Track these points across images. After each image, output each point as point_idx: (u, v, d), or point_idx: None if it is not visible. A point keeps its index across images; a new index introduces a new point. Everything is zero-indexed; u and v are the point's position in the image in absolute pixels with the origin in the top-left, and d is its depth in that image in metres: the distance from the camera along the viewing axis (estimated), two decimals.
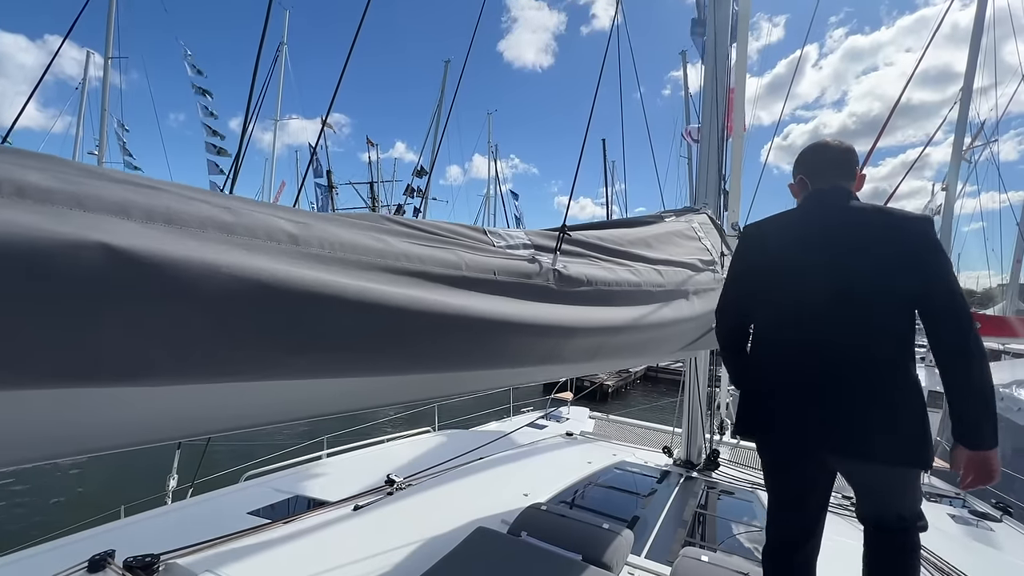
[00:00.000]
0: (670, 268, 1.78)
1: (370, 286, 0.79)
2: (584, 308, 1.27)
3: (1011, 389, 6.10)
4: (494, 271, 1.09)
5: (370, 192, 35.94)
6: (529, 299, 1.13)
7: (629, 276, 1.51)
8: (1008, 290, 16.81)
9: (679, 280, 1.81)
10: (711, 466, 3.16)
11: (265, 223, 0.72)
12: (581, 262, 1.38)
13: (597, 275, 1.36)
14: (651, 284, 1.62)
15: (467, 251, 1.08)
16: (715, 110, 2.77)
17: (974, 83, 11.88)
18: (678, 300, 1.79)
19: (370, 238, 0.89)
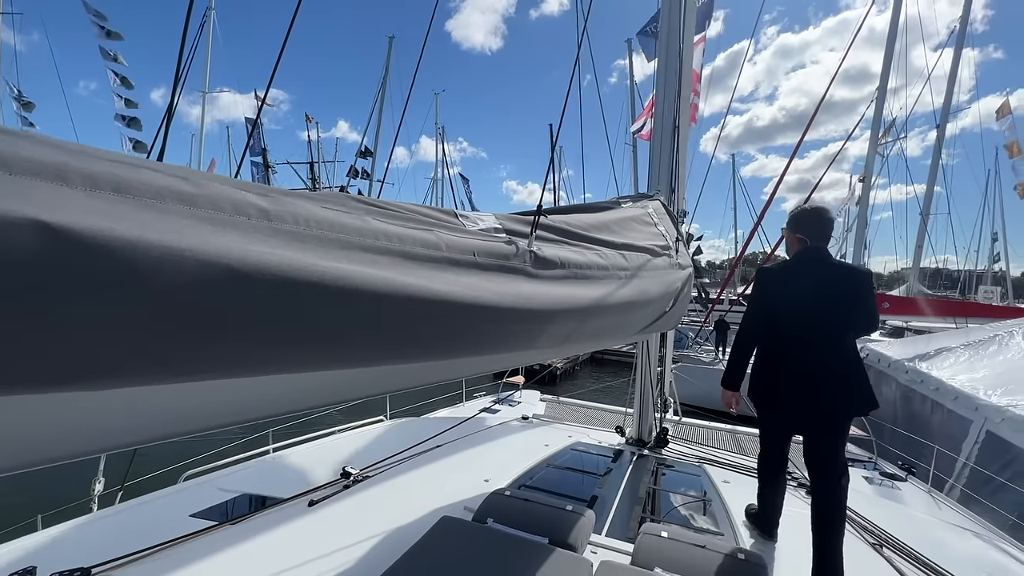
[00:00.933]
0: (632, 253, 1.80)
1: (352, 268, 0.72)
2: (559, 291, 1.26)
3: (914, 363, 6.78)
4: (474, 252, 1.05)
5: (310, 173, 34.32)
6: (508, 281, 1.10)
7: (598, 260, 1.52)
8: (912, 273, 18.65)
9: (640, 264, 1.85)
10: (661, 443, 3.31)
11: (231, 195, 0.63)
12: (554, 245, 1.37)
13: (570, 258, 1.36)
14: (617, 268, 1.64)
15: (444, 231, 1.03)
16: (667, 101, 2.83)
17: (888, 84, 12.93)
18: (640, 284, 1.82)
19: (345, 214, 0.82)
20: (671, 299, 2.21)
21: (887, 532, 2.30)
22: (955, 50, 16.17)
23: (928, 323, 13.44)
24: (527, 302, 1.13)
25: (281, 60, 1.47)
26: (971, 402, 5.25)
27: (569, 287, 1.30)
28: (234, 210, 0.61)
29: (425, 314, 0.87)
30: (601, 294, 1.47)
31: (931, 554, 2.13)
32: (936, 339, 7.80)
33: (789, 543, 2.19)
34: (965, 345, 6.78)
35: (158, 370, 0.54)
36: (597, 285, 1.46)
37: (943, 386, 5.87)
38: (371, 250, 0.79)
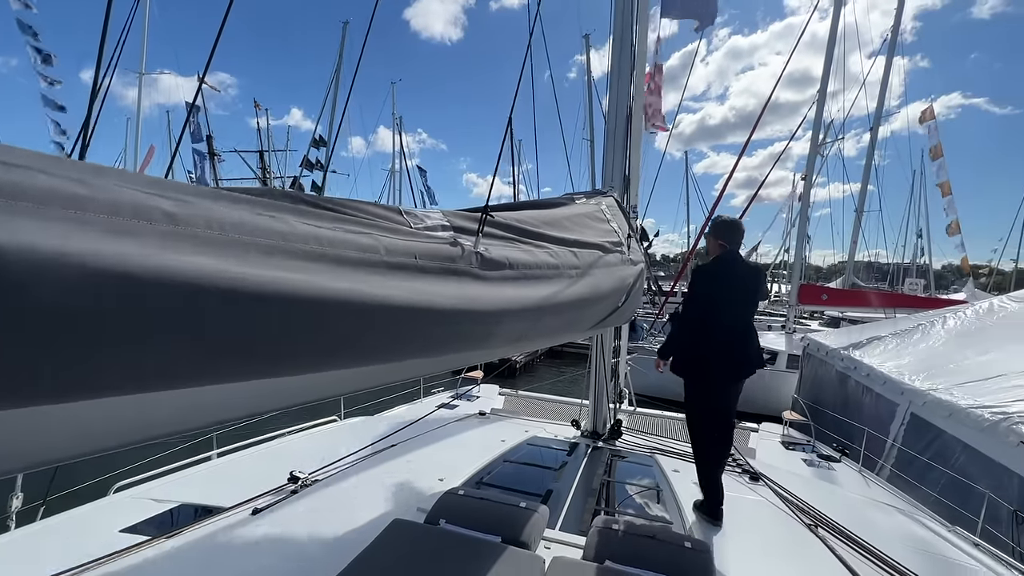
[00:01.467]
0: (584, 250, 1.81)
1: (274, 274, 0.68)
2: (507, 292, 1.24)
3: (849, 351, 7.24)
4: (415, 255, 1.02)
5: (260, 162, 32.90)
6: (452, 284, 1.07)
7: (548, 258, 1.51)
8: (847, 266, 19.87)
9: (592, 261, 1.86)
10: (615, 435, 3.38)
11: (132, 199, 0.57)
12: (502, 245, 1.34)
13: (518, 258, 1.34)
14: (568, 266, 1.64)
15: (384, 233, 0.99)
16: (620, 98, 2.86)
17: (827, 88, 13.64)
18: (591, 281, 1.83)
19: (269, 218, 0.77)
20: (623, 294, 2.24)
21: (821, 512, 2.44)
22: (887, 58, 17.22)
23: (862, 313, 14.40)
24: (474, 304, 1.11)
25: (223, 40, 1.36)
26: (897, 387, 5.66)
27: (518, 288, 1.29)
28: (134, 214, 0.56)
29: (361, 320, 0.83)
30: (551, 293, 1.46)
31: (860, 531, 2.28)
32: (868, 329, 8.35)
33: (734, 528, 2.29)
34: (893, 334, 7.29)
35: (28, 391, 0.48)
36: (547, 284, 1.45)
37: (873, 372, 6.29)
38: (298, 255, 0.74)
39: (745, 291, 2.71)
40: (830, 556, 2.03)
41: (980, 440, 4.23)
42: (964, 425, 4.43)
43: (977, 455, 4.24)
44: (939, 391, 5.03)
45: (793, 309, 13.52)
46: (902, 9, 17.14)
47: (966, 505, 3.85)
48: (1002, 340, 5.80)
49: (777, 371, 10.95)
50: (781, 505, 2.50)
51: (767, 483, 2.79)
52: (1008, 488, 3.86)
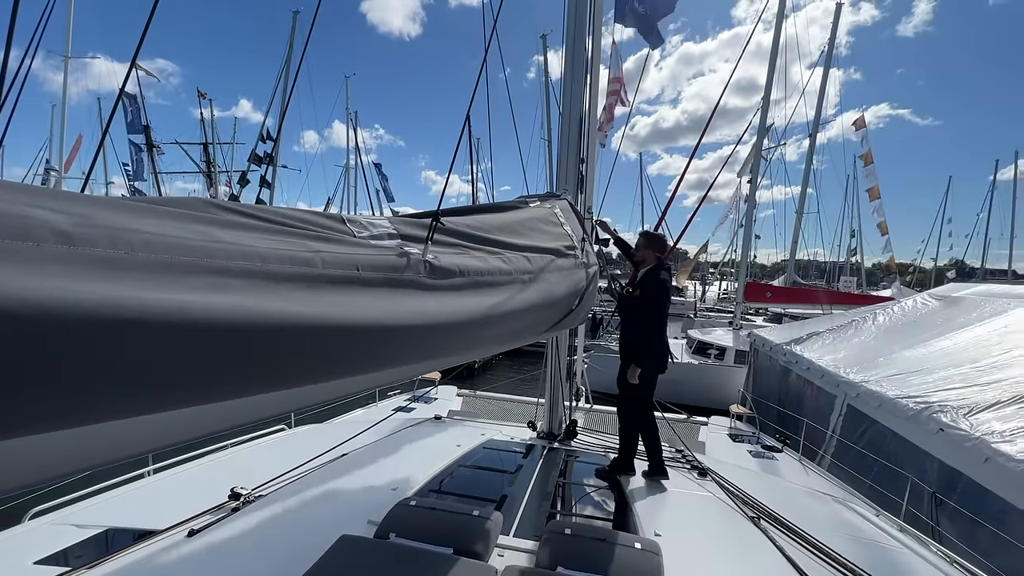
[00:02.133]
0: (537, 255, 1.80)
1: (191, 298, 0.61)
2: (459, 301, 1.21)
3: (791, 346, 7.63)
4: (358, 267, 0.97)
5: (204, 155, 31.21)
6: (399, 297, 1.03)
7: (501, 264, 1.49)
8: (789, 264, 20.99)
9: (544, 265, 1.85)
10: (570, 436, 3.41)
11: (18, 215, 0.51)
12: (453, 252, 1.31)
13: (470, 265, 1.31)
14: (521, 271, 1.62)
15: (324, 245, 0.93)
16: (573, 101, 2.87)
17: (771, 96, 14.33)
18: (544, 285, 1.83)
19: (189, 231, 0.70)
20: (577, 297, 2.25)
21: (764, 505, 2.55)
22: (824, 69, 18.29)
23: (802, 310, 15.24)
24: (422, 317, 1.07)
25: (162, 24, 1.25)
26: (834, 379, 6.01)
27: (470, 296, 1.26)
28: (20, 235, 0.49)
29: (298, 341, 0.78)
30: (504, 299, 1.44)
31: (798, 521, 2.40)
32: (808, 324, 8.85)
33: (684, 524, 2.35)
34: (830, 329, 7.76)
35: None
36: (500, 291, 1.43)
37: (812, 366, 6.66)
38: (221, 273, 0.68)
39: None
40: (771, 548, 2.12)
41: (906, 428, 4.55)
42: (892, 415, 4.76)
43: (904, 442, 4.56)
44: (870, 383, 5.37)
45: (740, 306, 14.14)
46: (837, 24, 18.24)
47: (896, 489, 4.15)
48: (924, 335, 6.28)
49: (726, 366, 11.42)
50: (727, 499, 2.60)
51: (714, 478, 2.89)
52: (930, 471, 4.18)
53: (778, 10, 13.77)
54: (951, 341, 5.73)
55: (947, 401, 4.39)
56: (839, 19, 18.39)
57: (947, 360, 5.26)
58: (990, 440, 3.67)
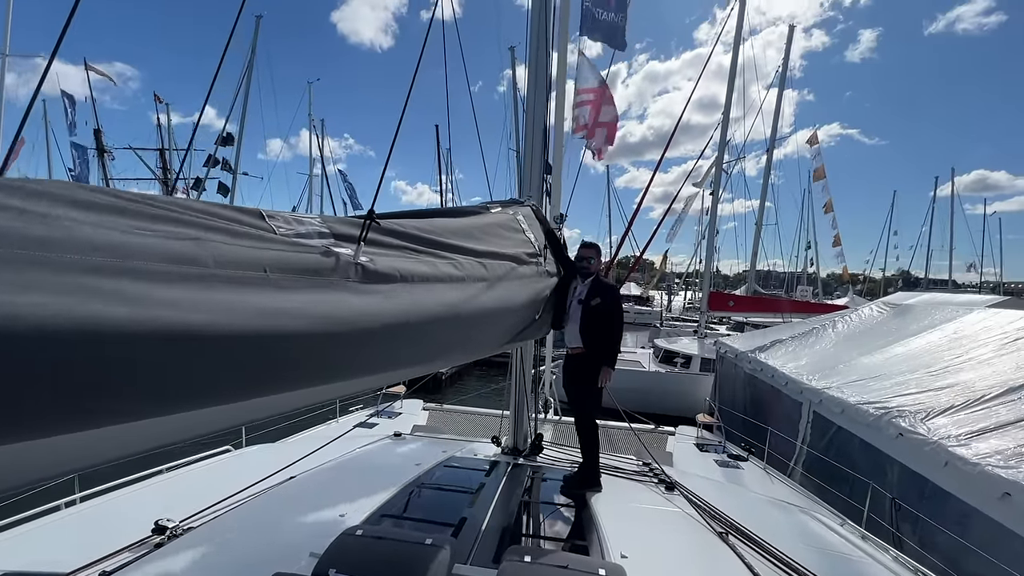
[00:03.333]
0: (495, 261, 1.67)
1: (16, 299, 0.47)
2: (397, 307, 1.06)
3: (755, 354, 7.74)
4: (265, 267, 0.81)
5: (160, 161, 30.13)
6: (320, 300, 0.88)
7: (451, 270, 1.35)
8: (750, 274, 21.65)
9: (503, 273, 1.72)
10: (536, 451, 3.26)
11: None
12: (394, 254, 1.16)
13: (413, 269, 1.16)
14: (475, 277, 1.49)
15: (226, 238, 0.77)
16: (538, 107, 2.77)
17: (730, 114, 14.82)
18: (502, 293, 1.70)
19: (18, 217, 0.54)
20: (539, 307, 2.13)
21: (731, 519, 2.48)
22: (779, 90, 19.11)
23: (763, 318, 15.68)
24: (352, 324, 0.92)
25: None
26: (797, 386, 6.10)
27: (412, 302, 1.11)
28: None
29: (183, 352, 0.62)
30: (453, 306, 1.30)
31: (764, 534, 2.34)
32: (771, 332, 9.03)
33: (651, 542, 2.24)
34: (793, 337, 7.92)
35: None
36: (448, 296, 1.29)
37: (777, 373, 6.76)
38: (65, 269, 0.52)
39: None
40: (739, 563, 2.06)
41: (868, 433, 4.62)
42: (855, 421, 4.83)
43: (867, 447, 4.63)
44: (832, 389, 5.46)
45: (704, 315, 14.41)
46: (790, 45, 19.13)
47: (860, 495, 4.19)
48: (880, 341, 6.47)
49: (692, 374, 11.55)
50: (694, 514, 2.52)
51: (682, 492, 2.81)
52: (891, 475, 4.25)
53: (735, 33, 14.32)
54: (905, 347, 5.91)
55: (905, 406, 4.48)
56: (792, 41, 19.29)
57: (903, 366, 5.40)
58: (947, 444, 3.73)
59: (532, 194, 2.78)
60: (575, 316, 2.86)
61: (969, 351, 5.22)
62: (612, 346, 2.89)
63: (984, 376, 4.62)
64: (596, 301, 2.84)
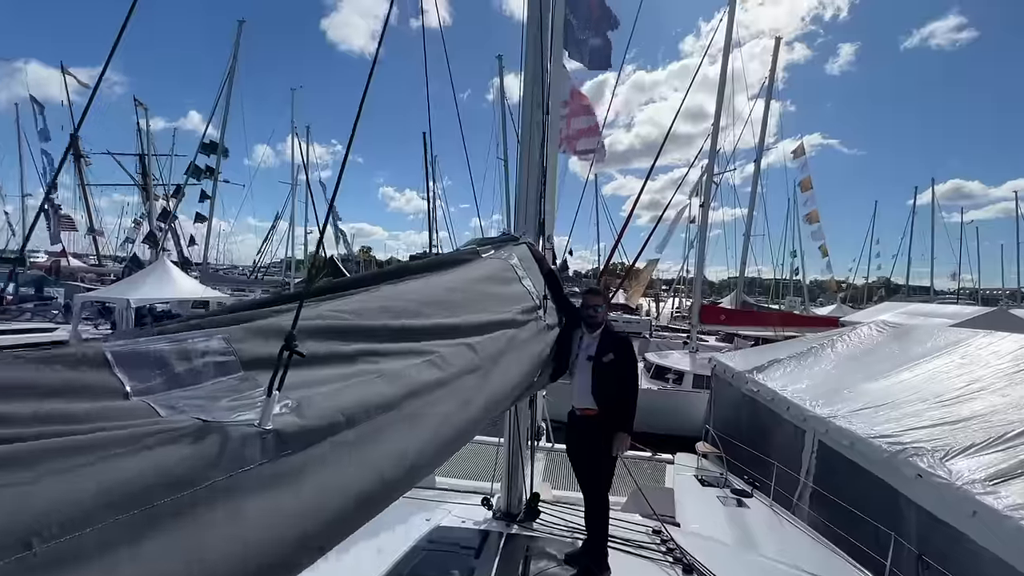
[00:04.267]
0: (486, 337, 1.31)
1: None
2: (345, 482, 0.69)
3: (753, 374, 7.46)
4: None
5: (140, 167, 29.61)
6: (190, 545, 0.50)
7: (428, 374, 0.99)
8: (738, 284, 21.60)
9: (498, 349, 1.36)
10: (532, 515, 2.88)
11: None
12: (337, 373, 0.79)
13: (367, 398, 0.79)
14: (464, 370, 1.12)
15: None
16: (533, 132, 2.42)
17: (720, 124, 14.72)
18: (499, 376, 1.34)
19: None
20: (540, 368, 1.78)
21: None
22: (766, 100, 19.18)
23: (753, 331, 15.52)
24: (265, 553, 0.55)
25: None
26: (801, 412, 5.81)
27: (367, 460, 0.74)
28: None
29: None
30: (434, 426, 0.94)
31: None
32: (767, 351, 8.78)
33: None
34: (791, 356, 7.66)
35: None
36: (425, 415, 0.92)
37: (777, 396, 6.48)
38: None
39: None
40: None
41: (883, 471, 4.33)
42: (867, 457, 4.54)
43: (881, 485, 4.34)
44: (839, 418, 5.18)
45: (695, 328, 14.18)
46: (777, 57, 19.24)
47: (873, 539, 3.90)
48: (883, 366, 6.24)
49: (684, 391, 11.28)
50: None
51: (700, 572, 2.46)
52: (910, 518, 3.96)
53: (725, 44, 14.26)
54: (912, 373, 5.67)
55: (921, 442, 4.21)
56: (778, 52, 19.39)
57: (912, 394, 5.15)
58: (973, 491, 3.46)
59: (527, 228, 2.42)
60: (584, 373, 2.50)
61: (980, 379, 5.00)
62: (629, 409, 2.53)
63: (1000, 408, 4.38)
64: (609, 357, 2.47)
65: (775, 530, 4.02)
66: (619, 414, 2.50)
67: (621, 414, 2.50)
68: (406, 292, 1.16)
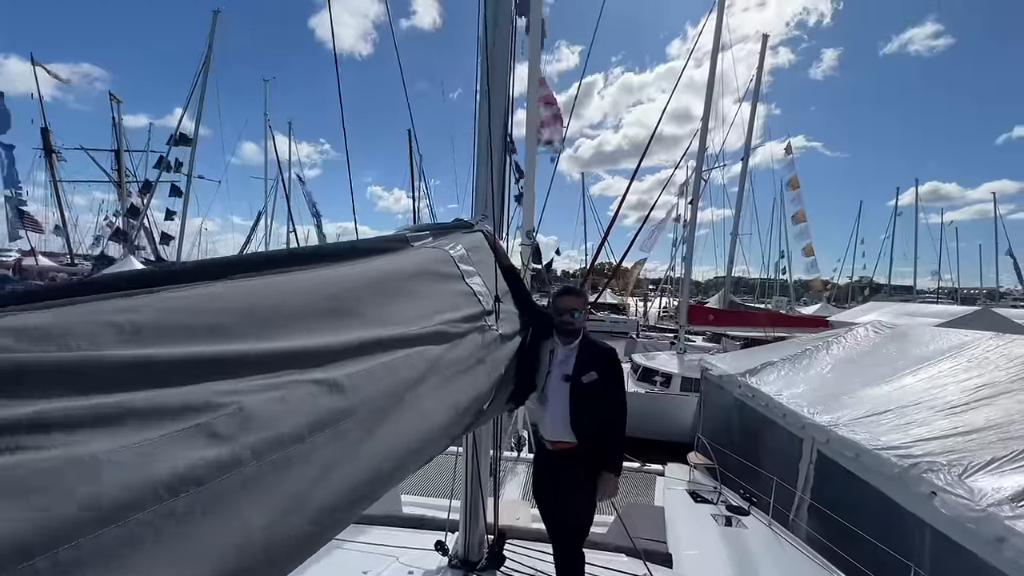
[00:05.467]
0: (406, 352, 0.84)
1: None
2: None
3: (745, 377, 7.08)
4: None
5: (116, 163, 29.13)
6: None
7: (302, 417, 0.51)
8: (725, 284, 21.41)
9: (421, 372, 0.89)
10: (496, 562, 2.37)
11: None
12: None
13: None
14: (368, 407, 0.66)
15: None
16: (490, 105, 1.91)
17: (708, 126, 14.42)
18: (422, 409, 0.87)
19: None
20: (487, 394, 1.30)
21: None
22: (754, 95, 19.01)
23: (741, 332, 15.23)
24: None
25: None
26: (798, 420, 5.43)
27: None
28: None
29: None
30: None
31: None
32: (759, 353, 8.42)
33: None
34: (783, 359, 7.30)
35: None
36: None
37: (772, 402, 6.10)
38: None
39: None
40: None
41: (891, 487, 3.95)
42: (873, 470, 4.16)
43: (888, 503, 3.96)
44: (840, 427, 4.80)
45: (683, 329, 13.84)
46: (764, 53, 19.07)
47: (878, 558, 3.53)
48: (883, 369, 5.89)
49: (672, 394, 10.90)
50: None
51: None
52: (921, 542, 3.58)
53: (714, 41, 13.96)
54: (915, 377, 5.32)
55: (934, 454, 3.83)
56: (765, 50, 19.21)
57: (917, 400, 4.79)
58: (1001, 514, 3.07)
59: (487, 212, 1.92)
60: (558, 397, 1.97)
61: (992, 383, 4.65)
62: (617, 442, 2.03)
63: (1019, 417, 4.02)
64: (591, 377, 1.95)
65: (775, 554, 3.61)
66: (606, 448, 2.00)
67: (609, 448, 2.01)
68: (283, 289, 0.70)
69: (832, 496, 4.62)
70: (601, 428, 1.99)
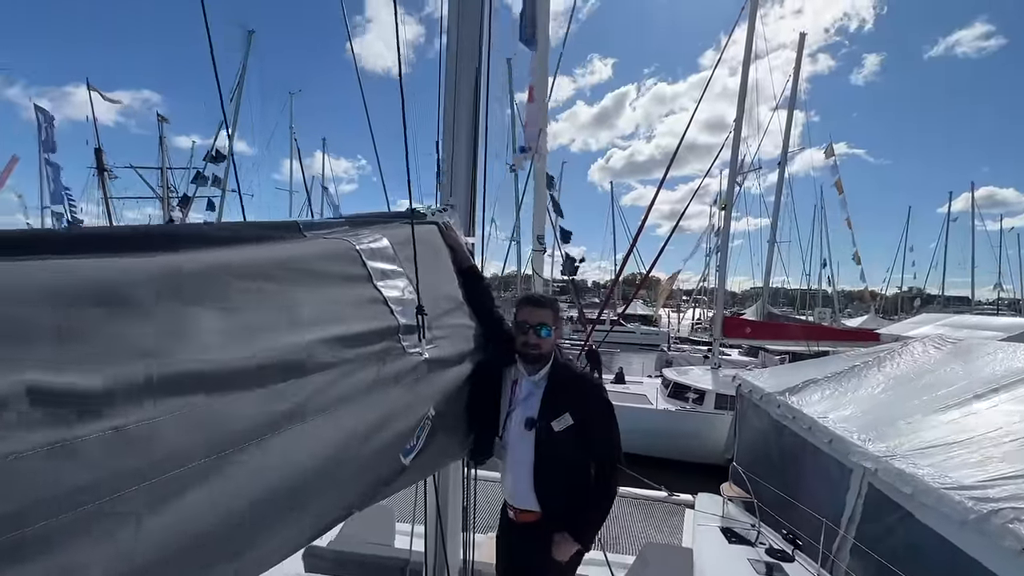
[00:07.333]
0: (219, 397, 0.48)
1: None
2: None
3: (785, 396, 6.44)
4: None
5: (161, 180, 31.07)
6: None
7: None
8: (763, 295, 20.39)
9: (257, 424, 0.53)
10: None
11: None
12: None
13: None
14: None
15: None
16: (463, 26, 1.59)
17: (742, 133, 13.80)
18: (299, 459, 0.51)
19: None
20: (415, 438, 0.93)
21: None
22: (791, 97, 18.22)
23: (782, 346, 14.29)
24: None
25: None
26: (846, 447, 4.80)
27: None
28: None
29: None
30: None
31: None
32: (800, 369, 7.74)
33: None
34: (828, 377, 6.62)
35: None
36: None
37: (816, 426, 5.47)
38: None
39: None
40: None
41: (962, 537, 3.33)
42: (938, 512, 3.54)
43: (959, 554, 3.33)
44: (897, 458, 4.18)
45: (717, 342, 13.08)
46: (801, 52, 18.29)
47: None
48: (944, 391, 5.19)
49: (704, 412, 10.21)
50: None
51: None
52: None
53: (747, 40, 13.39)
54: (988, 402, 4.63)
55: (1020, 497, 3.20)
56: (803, 48, 18.41)
57: (994, 430, 4.12)
58: None
59: (455, 201, 1.55)
60: (520, 449, 1.50)
61: None
62: (600, 513, 1.55)
63: None
64: (563, 422, 1.45)
65: None
66: (582, 517, 1.53)
67: (583, 518, 1.53)
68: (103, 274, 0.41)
69: (882, 536, 4.00)
70: (576, 495, 1.50)
